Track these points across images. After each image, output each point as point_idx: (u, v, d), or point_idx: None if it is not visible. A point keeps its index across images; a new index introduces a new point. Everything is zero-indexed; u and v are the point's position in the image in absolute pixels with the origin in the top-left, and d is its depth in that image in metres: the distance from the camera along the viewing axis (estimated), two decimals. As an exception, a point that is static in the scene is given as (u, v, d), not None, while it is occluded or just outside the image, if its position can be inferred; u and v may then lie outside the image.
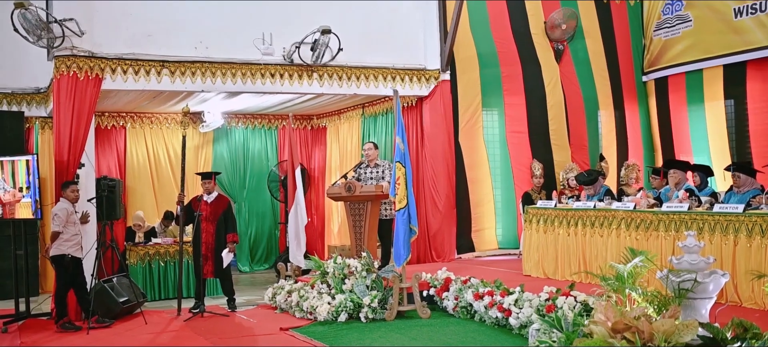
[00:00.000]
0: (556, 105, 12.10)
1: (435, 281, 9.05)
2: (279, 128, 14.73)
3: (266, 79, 10.30)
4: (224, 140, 14.26)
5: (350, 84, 10.87)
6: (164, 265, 10.86)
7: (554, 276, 8.95)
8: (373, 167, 9.88)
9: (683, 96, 12.29)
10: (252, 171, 14.50)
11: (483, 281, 8.37)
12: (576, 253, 8.66)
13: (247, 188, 14.42)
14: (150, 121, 13.51)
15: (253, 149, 14.59)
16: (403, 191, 8.45)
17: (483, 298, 8.06)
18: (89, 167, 9.38)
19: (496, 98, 11.88)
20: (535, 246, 9.28)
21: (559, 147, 12.05)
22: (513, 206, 11.84)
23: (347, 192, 9.24)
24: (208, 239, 9.42)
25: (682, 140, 12.31)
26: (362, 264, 8.78)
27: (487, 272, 9.60)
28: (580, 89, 12.37)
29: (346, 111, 13.86)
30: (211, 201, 9.57)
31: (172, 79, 9.79)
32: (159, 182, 13.53)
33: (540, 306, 7.28)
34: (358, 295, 8.52)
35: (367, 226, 9.24)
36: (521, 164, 11.88)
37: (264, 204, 14.53)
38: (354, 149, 13.60)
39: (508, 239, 11.86)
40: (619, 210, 8.12)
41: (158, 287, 10.81)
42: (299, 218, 9.73)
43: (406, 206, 8.44)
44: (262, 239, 14.52)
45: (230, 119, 14.23)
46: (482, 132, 11.81)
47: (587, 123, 12.36)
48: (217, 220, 9.48)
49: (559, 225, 8.90)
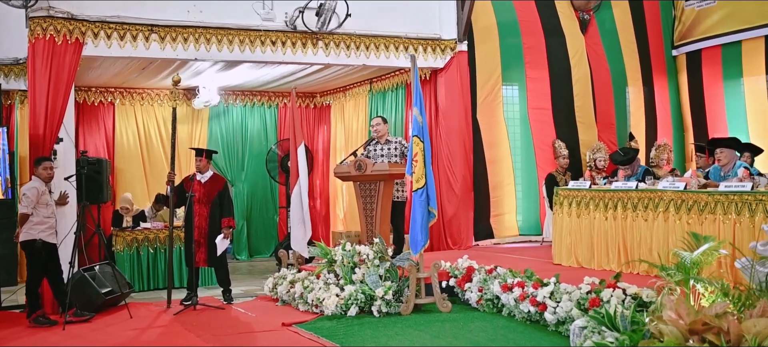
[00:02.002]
0: (581, 80, 11.12)
1: (455, 270, 8.10)
2: (279, 106, 13.78)
3: (267, 48, 9.32)
4: (220, 118, 13.31)
5: (359, 54, 9.89)
6: (154, 252, 9.87)
7: (589, 264, 7.99)
8: (384, 143, 8.89)
9: (719, 71, 11.30)
10: (250, 152, 13.56)
11: (511, 270, 7.41)
12: (615, 239, 7.69)
13: (245, 170, 13.48)
14: (140, 97, 12.55)
15: (251, 129, 13.65)
16: (422, 169, 7.47)
17: (512, 290, 7.10)
18: (68, 142, 8.43)
19: (517, 72, 10.90)
20: (566, 232, 8.32)
21: (585, 125, 11.07)
22: (535, 189, 10.88)
23: (357, 171, 8.25)
24: (202, 224, 8.47)
25: (717, 119, 11.34)
26: (374, 251, 7.82)
27: (510, 260, 8.66)
28: (608, 62, 11.39)
29: (351, 87, 12.90)
30: (205, 181, 8.61)
31: (162, 45, 8.81)
32: (150, 164, 12.59)
33: (581, 299, 6.33)
34: (370, 286, 7.56)
35: (379, 209, 8.26)
36: (544, 143, 10.90)
37: (263, 188, 13.60)
38: (361, 128, 12.64)
39: (529, 225, 10.90)
40: (667, 191, 7.14)
41: (147, 276, 9.83)
42: (303, 200, 8.77)
43: (424, 185, 7.47)
44: (261, 225, 13.57)
45: (227, 95, 13.26)
46: (502, 108, 10.82)
47: (615, 100, 11.37)
48: (212, 202, 8.52)
49: (595, 208, 7.94)
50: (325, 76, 11.58)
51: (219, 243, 8.37)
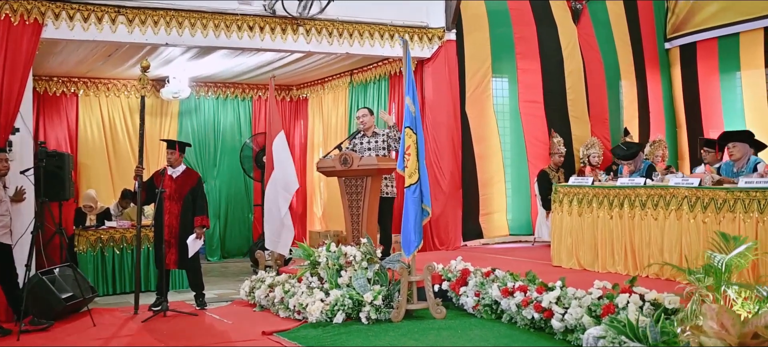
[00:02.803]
0: (574, 72, 10.60)
1: (448, 273, 7.52)
2: (254, 99, 13.10)
3: (244, 33, 8.66)
4: (192, 112, 12.59)
5: (343, 42, 9.26)
6: (120, 253, 9.13)
7: (592, 267, 7.46)
8: (371, 136, 8.27)
9: (715, 64, 10.87)
10: (223, 148, 12.87)
11: (512, 273, 6.84)
12: (621, 240, 7.17)
13: (218, 166, 12.78)
14: (106, 87, 11.79)
15: (224, 123, 12.95)
16: (415, 164, 6.88)
17: (514, 295, 6.54)
18: (25, 132, 7.69)
19: (507, 63, 10.34)
20: (566, 232, 7.78)
21: (577, 120, 10.56)
22: (526, 186, 10.33)
23: (343, 165, 7.61)
24: (172, 222, 7.78)
25: (713, 114, 10.90)
26: (362, 252, 7.20)
27: (505, 262, 8.12)
28: (601, 55, 10.88)
29: (331, 79, 12.28)
30: (177, 176, 7.92)
31: (130, 29, 8.11)
32: (116, 159, 11.84)
33: (593, 305, 5.78)
34: (358, 291, 6.94)
35: (366, 206, 7.64)
36: (535, 138, 10.36)
37: (236, 185, 12.91)
38: (340, 122, 12.02)
39: (520, 224, 10.35)
40: (680, 188, 6.63)
41: (112, 279, 9.06)
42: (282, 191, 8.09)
43: (417, 181, 6.88)
44: (234, 224, 12.87)
45: (199, 87, 12.54)
46: (492, 101, 10.26)
47: (608, 94, 10.87)
48: (184, 199, 7.84)
49: (599, 206, 7.41)
50: (304, 66, 10.94)
51: (191, 244, 7.69)
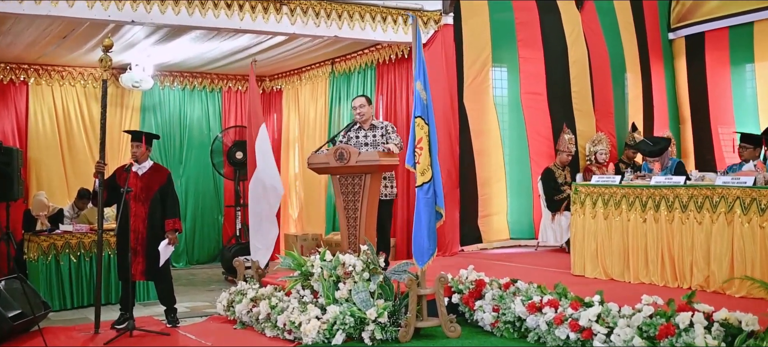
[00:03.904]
0: (578, 62, 9.76)
1: (459, 284, 6.59)
2: (224, 90, 12.05)
3: (220, 12, 7.62)
4: (156, 105, 11.49)
5: (330, 24, 8.28)
6: (77, 261, 7.98)
7: (622, 277, 6.62)
8: (369, 128, 7.31)
9: (725, 55, 10.15)
10: (190, 143, 11.81)
11: (539, 286, 5.94)
12: (657, 246, 6.33)
13: (184, 163, 11.69)
14: (60, 75, 10.65)
15: (191, 117, 11.88)
16: (427, 159, 5.95)
17: (542, 311, 5.65)
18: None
19: (508, 51, 9.45)
20: (590, 236, 6.92)
21: (582, 113, 9.72)
22: (527, 185, 9.46)
23: (338, 161, 6.62)
24: (139, 226, 6.73)
25: (723, 108, 10.18)
26: (363, 261, 6.24)
27: (514, 270, 7.25)
28: (606, 44, 10.06)
29: (308, 69, 11.29)
30: (144, 173, 6.86)
31: (90, 3, 7.02)
32: (71, 154, 10.71)
33: (644, 325, 4.91)
34: (359, 306, 5.97)
35: (364, 208, 6.66)
36: (538, 133, 9.51)
37: (205, 184, 11.86)
38: (319, 116, 11.05)
39: (521, 227, 9.47)
40: (730, 187, 5.81)
41: (68, 293, 7.90)
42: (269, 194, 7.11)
43: (430, 179, 5.95)
44: (202, 226, 11.80)
45: (163, 77, 11.44)
46: (491, 92, 9.37)
47: (613, 86, 10.07)
48: (152, 199, 6.79)
49: (629, 208, 6.56)
50: (282, 53, 9.94)
51: (163, 250, 6.66)
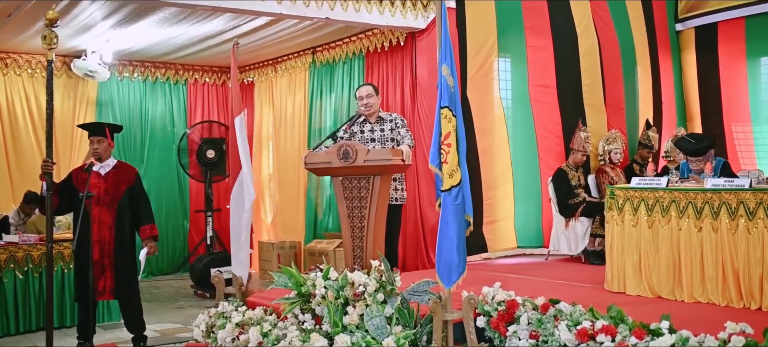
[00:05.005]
0: (589, 52, 8.88)
1: (484, 305, 5.61)
2: (189, 83, 10.92)
3: (194, -15, 6.55)
4: (114, 98, 10.30)
5: (321, 5, 7.24)
6: (23, 278, 6.76)
7: (673, 295, 5.71)
8: (375, 122, 6.29)
9: (741, 48, 9.40)
10: (152, 141, 10.66)
11: (591, 309, 4.98)
12: (716, 259, 5.44)
13: (145, 163, 10.51)
14: (3, 63, 9.45)
15: (153, 112, 10.73)
16: (455, 159, 4.95)
17: (596, 339, 4.70)
18: None
19: (515, 39, 8.51)
20: (631, 248, 5.99)
21: (593, 109, 8.83)
22: (535, 188, 8.54)
23: (343, 160, 5.57)
24: (105, 235, 5.63)
25: (737, 105, 9.44)
26: (377, 280, 5.21)
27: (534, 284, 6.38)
28: (616, 34, 9.21)
29: (285, 60, 10.24)
30: (108, 173, 5.75)
31: (39, -28, 5.89)
32: (16, 153, 9.51)
33: (736, 361, 4.01)
34: (374, 334, 4.95)
35: (372, 215, 5.63)
36: (547, 130, 8.60)
37: (168, 186, 10.75)
38: (298, 111, 10.01)
39: (529, 234, 8.54)
40: (813, 191, 4.97)
41: (14, 315, 6.66)
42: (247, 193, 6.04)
43: (459, 183, 4.96)
44: (166, 233, 10.61)
45: (122, 67, 10.24)
46: (497, 84, 8.43)
47: (624, 80, 9.22)
48: (119, 203, 5.70)
49: (680, 216, 5.66)
50: (259, 40, 8.90)
51: (143, 261, 5.57)
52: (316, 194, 9.74)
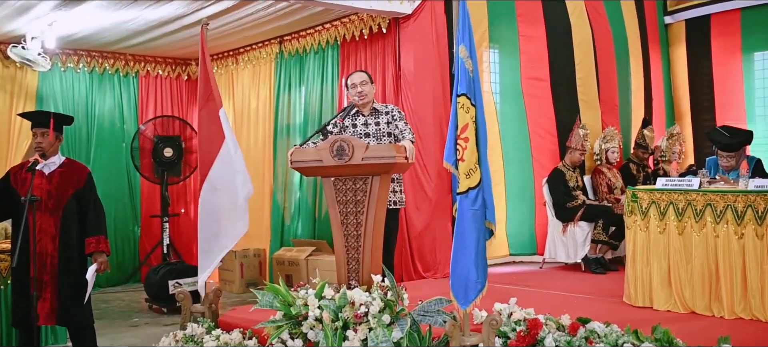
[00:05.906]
0: (583, 43, 8.26)
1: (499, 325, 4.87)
2: (141, 75, 9.94)
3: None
4: (56, 91, 9.25)
5: (295, -14, 6.45)
6: (-48, 297, 5.77)
7: (709, 310, 5.07)
8: (370, 114, 5.49)
9: (736, 42, 8.92)
10: (100, 138, 9.62)
11: (636, 331, 4.28)
12: (762, 270, 4.83)
13: (92, 163, 9.45)
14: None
15: (100, 107, 9.69)
16: (474, 156, 4.21)
17: (643, 367, 4.03)
18: None
19: (507, 29, 7.82)
20: (658, 257, 5.34)
21: (587, 105, 8.21)
22: (529, 189, 7.88)
23: (337, 158, 4.75)
24: (47, 247, 4.68)
25: (731, 102, 8.96)
26: (380, 298, 4.42)
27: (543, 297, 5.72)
28: (610, 25, 8.62)
29: (248, 50, 9.39)
30: (52, 173, 4.82)
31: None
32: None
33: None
34: (380, 363, 4.18)
35: (370, 221, 4.81)
36: (541, 126, 7.94)
37: (118, 188, 9.73)
38: (263, 107, 9.18)
39: (522, 241, 7.87)
40: None
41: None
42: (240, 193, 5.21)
43: (479, 183, 4.22)
44: (116, 240, 9.59)
45: (65, 57, 9.21)
46: (487, 77, 7.73)
47: (618, 75, 8.64)
48: (64, 209, 4.75)
49: (717, 222, 5.03)
50: (221, 27, 8.06)
51: (91, 280, 4.66)
52: (284, 196, 8.90)
